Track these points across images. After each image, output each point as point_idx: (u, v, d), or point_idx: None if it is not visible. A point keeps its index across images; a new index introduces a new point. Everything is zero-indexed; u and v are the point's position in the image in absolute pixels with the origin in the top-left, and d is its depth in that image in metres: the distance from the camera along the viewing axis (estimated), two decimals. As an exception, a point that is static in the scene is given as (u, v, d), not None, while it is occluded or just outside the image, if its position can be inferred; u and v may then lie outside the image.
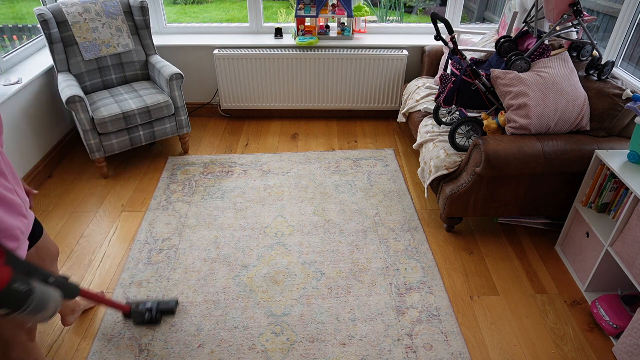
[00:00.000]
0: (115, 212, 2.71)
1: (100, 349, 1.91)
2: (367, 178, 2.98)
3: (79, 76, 3.00)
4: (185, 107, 3.10)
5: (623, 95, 2.15)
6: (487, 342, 1.94)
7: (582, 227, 2.20)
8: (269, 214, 2.66)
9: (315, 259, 2.34)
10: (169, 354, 1.89)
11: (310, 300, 2.12)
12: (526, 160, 2.11)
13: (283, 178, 2.98)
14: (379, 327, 1.99)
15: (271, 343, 1.93)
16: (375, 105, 3.64)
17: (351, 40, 3.47)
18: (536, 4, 2.43)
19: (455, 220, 2.49)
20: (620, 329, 1.88)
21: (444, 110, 2.74)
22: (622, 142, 2.16)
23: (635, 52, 2.78)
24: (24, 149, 2.83)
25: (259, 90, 3.58)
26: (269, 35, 3.60)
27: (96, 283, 2.22)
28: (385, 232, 2.52)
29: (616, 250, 1.91)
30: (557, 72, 2.22)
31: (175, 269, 2.29)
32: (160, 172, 3.06)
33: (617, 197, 2.00)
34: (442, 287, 2.18)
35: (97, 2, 2.99)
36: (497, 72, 2.28)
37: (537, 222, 2.58)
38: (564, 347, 1.92)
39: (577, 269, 2.24)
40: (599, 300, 2.00)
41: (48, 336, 1.97)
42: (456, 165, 2.39)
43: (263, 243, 2.45)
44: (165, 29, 3.67)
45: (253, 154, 3.26)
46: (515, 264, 2.33)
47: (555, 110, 2.17)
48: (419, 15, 6.93)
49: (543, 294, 2.16)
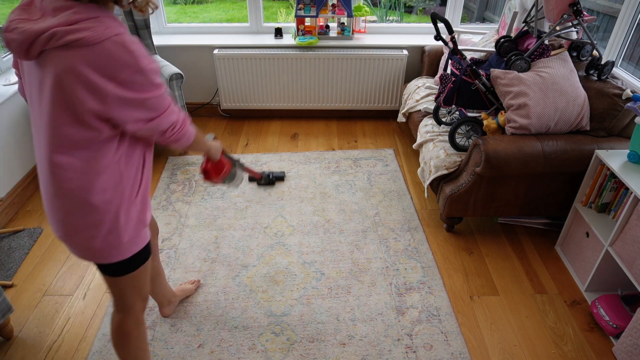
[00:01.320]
0: (115, 212, 2.70)
1: (100, 349, 1.91)
2: (367, 178, 2.98)
3: (79, 76, 3.00)
4: (186, 107, 3.09)
5: (623, 95, 2.15)
6: (487, 342, 1.94)
7: (582, 227, 2.20)
8: (269, 214, 2.66)
9: (315, 259, 2.34)
10: (169, 354, 1.89)
11: (310, 300, 2.12)
12: (526, 160, 2.11)
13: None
14: (379, 327, 1.99)
15: (271, 343, 1.93)
16: (375, 105, 3.64)
17: (351, 40, 3.47)
18: (536, 4, 2.43)
19: (455, 220, 2.49)
20: (620, 329, 1.88)
21: (444, 110, 2.74)
22: (622, 142, 2.16)
23: (635, 52, 2.78)
24: (24, 149, 2.83)
25: (259, 90, 3.58)
26: (269, 35, 3.60)
27: (96, 283, 2.22)
28: (385, 232, 2.52)
29: (616, 250, 1.91)
30: (557, 72, 2.22)
31: (175, 269, 2.29)
32: (160, 172, 3.06)
33: (617, 197, 2.00)
34: (442, 287, 2.18)
35: (97, 2, 2.99)
36: (497, 72, 2.28)
37: (537, 222, 2.58)
38: (564, 347, 1.92)
39: (577, 269, 2.24)
40: (599, 300, 2.00)
41: (48, 336, 1.97)
42: (456, 165, 2.39)
43: (263, 243, 2.45)
44: (165, 29, 3.67)
45: (253, 154, 3.26)
46: (515, 264, 2.33)
47: (555, 110, 2.17)
48: (419, 15, 6.93)
49: (543, 294, 2.16)
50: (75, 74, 1.02)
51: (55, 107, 1.07)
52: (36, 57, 1.05)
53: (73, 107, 1.06)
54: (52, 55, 1.03)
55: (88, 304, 2.12)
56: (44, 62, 1.05)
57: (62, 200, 1.18)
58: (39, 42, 1.01)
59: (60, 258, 2.38)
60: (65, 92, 1.05)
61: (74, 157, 1.13)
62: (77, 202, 1.17)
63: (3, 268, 2.29)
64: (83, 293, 2.17)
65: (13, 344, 1.94)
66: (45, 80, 1.06)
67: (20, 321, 2.04)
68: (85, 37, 1.00)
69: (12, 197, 2.68)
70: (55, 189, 1.17)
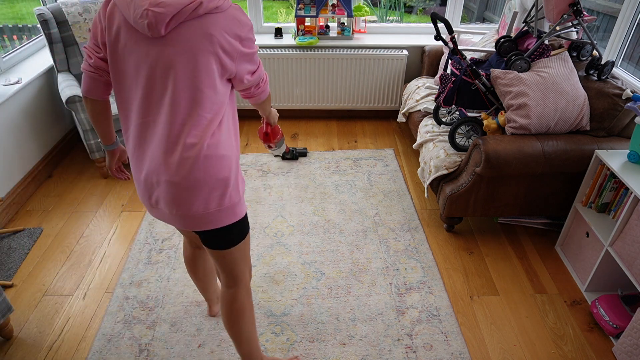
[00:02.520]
0: (115, 212, 2.71)
1: (100, 349, 1.91)
2: (367, 178, 2.98)
3: (79, 76, 3.00)
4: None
5: (623, 95, 2.15)
6: (487, 342, 1.94)
7: (582, 227, 2.20)
8: (269, 214, 2.66)
9: (315, 259, 2.34)
10: (169, 354, 1.89)
11: (310, 300, 2.12)
12: (526, 160, 2.11)
13: (283, 178, 2.98)
14: (379, 327, 1.99)
15: (271, 343, 1.93)
16: (375, 105, 3.64)
17: (351, 40, 3.47)
18: (536, 4, 2.43)
19: (455, 220, 2.49)
20: (620, 329, 1.88)
21: (444, 110, 2.74)
22: (622, 142, 2.16)
23: (635, 52, 2.78)
24: (24, 149, 2.83)
25: (259, 90, 3.57)
26: (269, 35, 3.60)
27: (96, 283, 2.22)
28: (385, 232, 2.52)
29: (616, 250, 1.91)
30: (557, 72, 2.22)
31: (175, 269, 2.29)
32: (160, 172, 3.06)
33: (617, 197, 2.00)
34: (442, 287, 2.18)
35: (97, 2, 2.99)
36: (497, 72, 2.28)
37: (537, 222, 2.58)
38: (564, 347, 1.92)
39: (577, 269, 2.24)
40: (599, 300, 2.00)
41: (48, 336, 1.97)
42: (456, 165, 2.39)
43: (263, 243, 2.45)
44: (165, 29, 3.67)
45: (253, 154, 3.26)
46: (515, 264, 2.33)
47: (555, 110, 2.17)
48: (419, 15, 6.93)
49: (543, 294, 2.16)
50: (210, 38, 1.15)
51: (192, 75, 1.17)
52: (167, 32, 1.14)
53: (208, 71, 1.18)
54: (187, 25, 1.14)
55: (88, 304, 2.12)
56: (175, 36, 1.14)
57: (199, 170, 1.24)
58: (183, 12, 1.11)
59: (60, 258, 2.38)
60: (201, 59, 1.16)
61: (207, 121, 1.23)
62: (212, 163, 1.25)
63: (3, 268, 2.29)
64: (83, 293, 2.17)
65: (13, 344, 1.94)
66: (174, 56, 1.15)
67: (20, 321, 2.04)
68: (220, 5, 1.17)
69: (12, 197, 2.68)
70: (191, 161, 1.22)
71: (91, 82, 1.32)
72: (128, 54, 1.18)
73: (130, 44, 1.17)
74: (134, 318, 2.04)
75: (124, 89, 1.24)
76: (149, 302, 2.11)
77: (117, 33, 1.18)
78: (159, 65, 1.17)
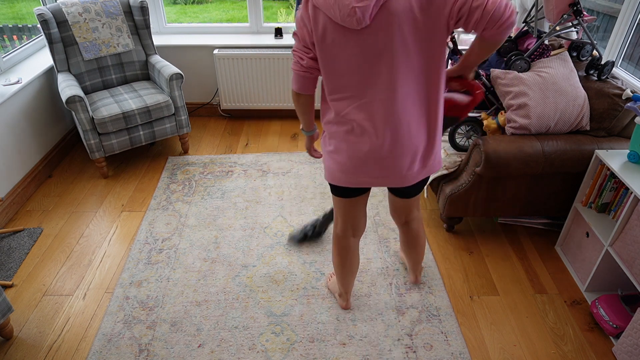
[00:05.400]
0: (115, 212, 2.71)
1: (100, 349, 1.91)
2: (367, 178, 2.97)
3: (79, 76, 3.00)
4: (185, 107, 3.10)
5: (623, 95, 2.15)
6: (487, 342, 1.94)
7: (582, 227, 2.20)
8: (269, 214, 2.66)
9: (315, 259, 2.34)
10: (169, 354, 1.89)
11: (310, 300, 2.11)
12: (526, 160, 2.10)
13: (283, 178, 2.98)
14: (379, 327, 1.99)
15: (271, 343, 1.93)
16: (375, 105, 3.64)
17: (351, 40, 3.47)
18: (536, 4, 2.43)
19: (455, 220, 2.49)
20: (620, 329, 1.88)
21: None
22: (622, 142, 2.16)
23: (635, 52, 2.78)
24: (24, 149, 2.83)
25: (259, 90, 3.58)
26: (269, 35, 3.60)
27: (96, 283, 2.22)
28: (385, 232, 2.52)
29: (616, 250, 1.91)
30: (557, 72, 2.22)
31: (175, 269, 2.29)
32: (160, 172, 3.06)
33: (617, 197, 2.00)
34: (442, 287, 2.18)
35: (97, 2, 2.99)
36: (497, 72, 2.28)
37: (537, 222, 2.58)
38: (564, 347, 1.92)
39: (577, 269, 2.24)
40: (599, 300, 2.00)
41: (48, 336, 1.97)
42: (456, 165, 2.39)
43: (263, 243, 2.45)
44: (165, 29, 3.67)
45: (253, 154, 3.26)
46: (515, 264, 2.33)
47: (555, 110, 2.17)
48: (419, 15, 6.91)
49: (543, 294, 2.16)
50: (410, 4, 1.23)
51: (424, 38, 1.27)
52: (373, 18, 1.24)
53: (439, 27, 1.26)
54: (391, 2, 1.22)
55: (88, 304, 2.12)
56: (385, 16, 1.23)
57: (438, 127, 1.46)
58: None
59: (60, 258, 2.38)
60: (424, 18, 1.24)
61: (442, 77, 1.37)
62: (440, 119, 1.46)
63: (3, 268, 2.29)
64: (83, 293, 2.17)
65: (13, 344, 1.94)
66: (393, 32, 1.25)
67: (20, 321, 2.04)
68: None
69: (12, 197, 2.68)
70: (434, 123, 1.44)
71: (304, 81, 1.47)
72: (338, 47, 1.31)
73: (338, 38, 1.30)
74: (134, 318, 2.04)
75: (338, 78, 1.38)
76: (149, 302, 2.11)
77: (323, 32, 1.31)
78: (371, 51, 1.30)
